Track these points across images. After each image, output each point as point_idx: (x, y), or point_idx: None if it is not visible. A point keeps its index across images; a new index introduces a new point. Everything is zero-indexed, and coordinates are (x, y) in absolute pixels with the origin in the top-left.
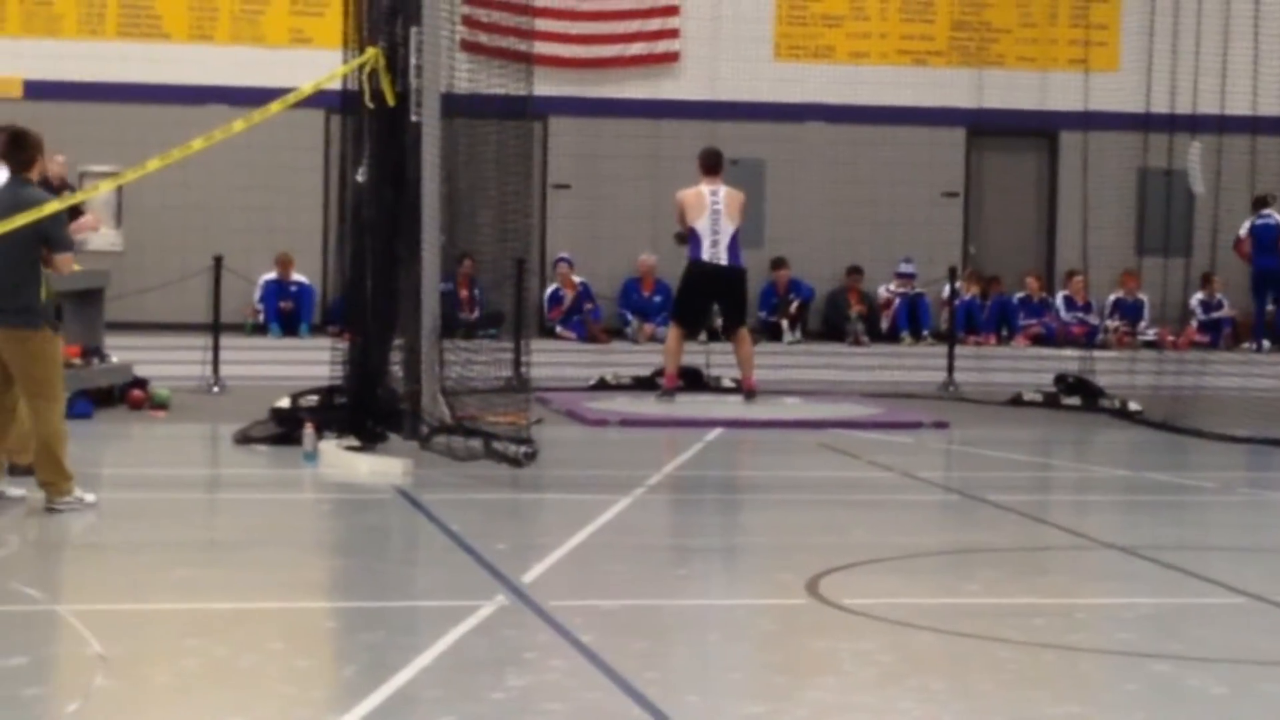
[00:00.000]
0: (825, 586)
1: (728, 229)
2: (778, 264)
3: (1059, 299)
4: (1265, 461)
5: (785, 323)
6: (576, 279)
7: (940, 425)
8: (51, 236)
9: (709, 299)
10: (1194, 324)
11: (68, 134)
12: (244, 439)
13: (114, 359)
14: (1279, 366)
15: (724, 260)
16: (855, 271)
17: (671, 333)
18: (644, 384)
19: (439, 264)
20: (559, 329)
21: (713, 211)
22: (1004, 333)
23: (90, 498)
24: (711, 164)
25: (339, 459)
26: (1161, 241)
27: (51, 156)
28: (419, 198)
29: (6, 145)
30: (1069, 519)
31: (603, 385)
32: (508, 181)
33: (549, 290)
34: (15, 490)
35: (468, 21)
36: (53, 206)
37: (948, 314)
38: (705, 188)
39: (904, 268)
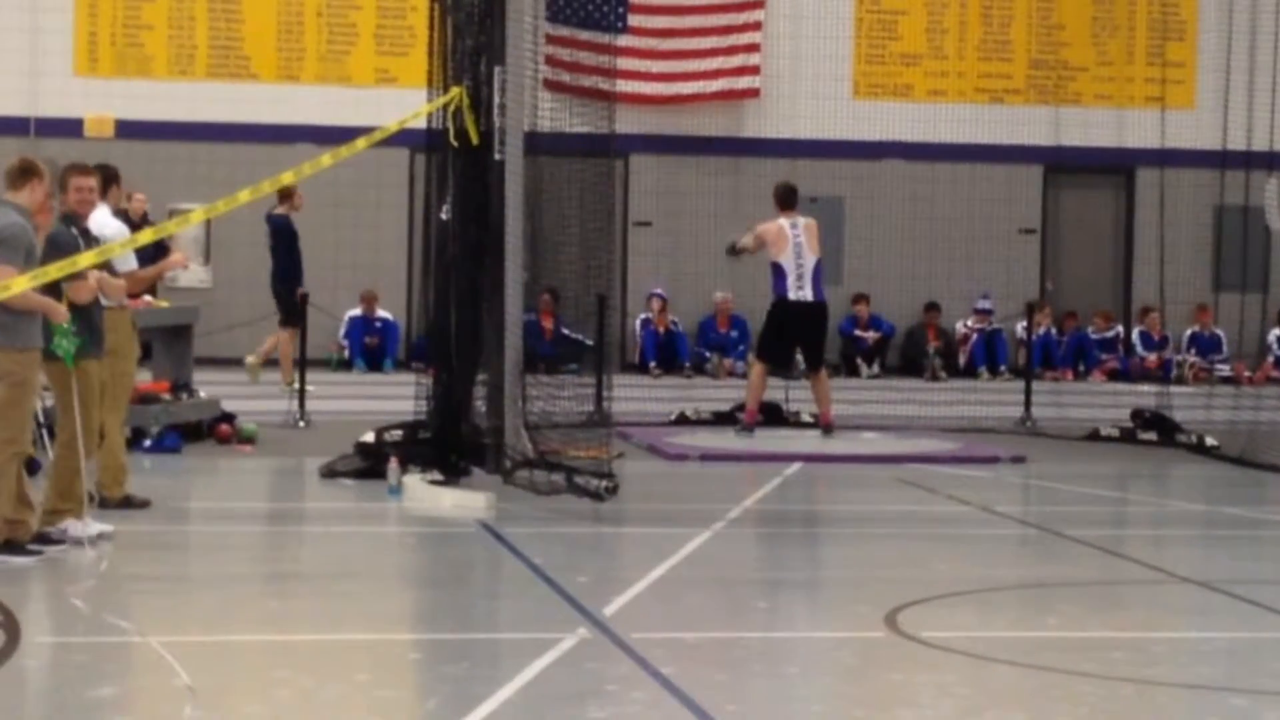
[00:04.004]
0: (904, 620)
1: (810, 260)
2: (859, 299)
3: (1135, 334)
4: None
5: (860, 360)
6: (669, 317)
7: (1018, 460)
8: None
9: (795, 337)
10: (1270, 359)
11: (158, 173)
12: (330, 473)
13: (202, 394)
14: None
15: (810, 297)
16: (933, 307)
17: (755, 369)
18: (724, 419)
19: (522, 301)
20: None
21: (795, 245)
22: (1081, 368)
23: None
24: (787, 198)
25: (423, 493)
26: (1238, 278)
27: (131, 194)
28: (502, 235)
29: (59, 179)
30: (1146, 553)
31: (683, 420)
32: (590, 219)
33: (639, 319)
34: (93, 526)
35: (550, 61)
36: (88, 259)
37: (1025, 349)
38: (784, 221)
39: (981, 304)
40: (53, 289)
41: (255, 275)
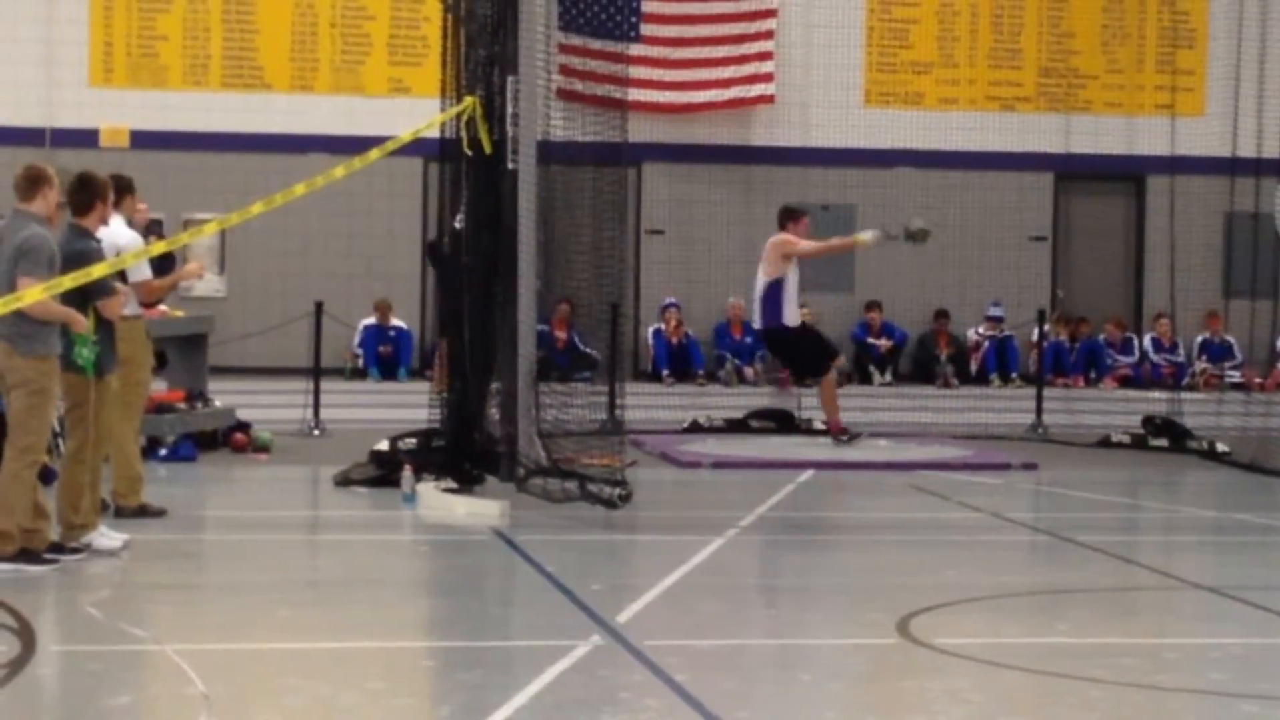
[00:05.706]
0: (916, 626)
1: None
2: (871, 307)
3: (1147, 341)
4: None
5: (873, 367)
6: (683, 329)
7: (1029, 467)
8: (86, 287)
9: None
10: None
11: (172, 183)
12: (344, 481)
13: (217, 403)
14: None
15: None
16: (944, 315)
17: (825, 379)
18: (736, 426)
19: (535, 309)
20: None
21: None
22: (1092, 375)
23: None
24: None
25: (437, 501)
26: (1248, 284)
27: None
28: (515, 244)
29: (70, 189)
30: (1157, 560)
31: (696, 428)
32: (602, 227)
33: (651, 329)
34: (114, 537)
35: (564, 70)
36: (101, 269)
37: (1036, 356)
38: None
39: (993, 311)
40: (80, 304)
41: (269, 285)
